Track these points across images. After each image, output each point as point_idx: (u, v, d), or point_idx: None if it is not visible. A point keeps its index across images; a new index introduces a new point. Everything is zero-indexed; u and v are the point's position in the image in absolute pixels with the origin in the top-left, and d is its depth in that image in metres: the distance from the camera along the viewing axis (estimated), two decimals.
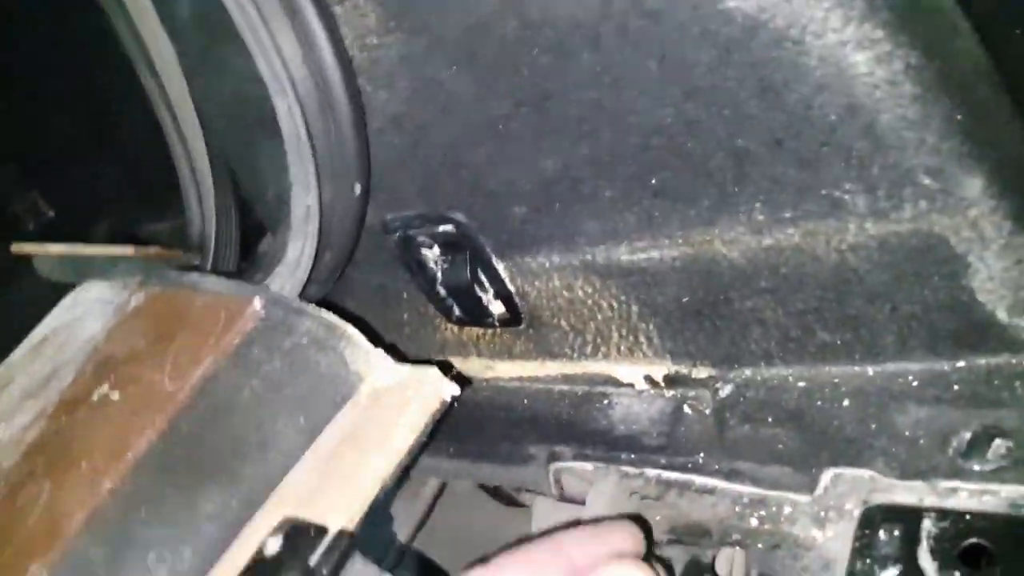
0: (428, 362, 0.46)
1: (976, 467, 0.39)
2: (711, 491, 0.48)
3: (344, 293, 0.61)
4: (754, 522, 0.45)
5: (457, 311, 0.58)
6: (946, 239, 0.38)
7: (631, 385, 0.54)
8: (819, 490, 0.44)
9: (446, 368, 0.45)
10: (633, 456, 0.53)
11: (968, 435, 0.40)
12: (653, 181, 0.43)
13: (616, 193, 0.44)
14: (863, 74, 0.35)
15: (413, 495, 0.78)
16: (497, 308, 0.57)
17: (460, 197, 0.49)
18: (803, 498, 0.44)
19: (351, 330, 0.48)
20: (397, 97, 0.47)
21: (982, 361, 0.41)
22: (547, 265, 0.51)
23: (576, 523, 0.46)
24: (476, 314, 0.57)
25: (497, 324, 0.57)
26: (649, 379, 0.52)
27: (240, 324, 0.48)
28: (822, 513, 0.43)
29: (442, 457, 0.65)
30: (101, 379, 0.53)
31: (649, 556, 0.41)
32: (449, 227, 0.52)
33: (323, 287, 0.52)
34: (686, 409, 0.51)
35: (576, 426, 0.56)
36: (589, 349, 0.54)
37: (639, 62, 0.39)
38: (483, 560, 0.39)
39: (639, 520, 0.45)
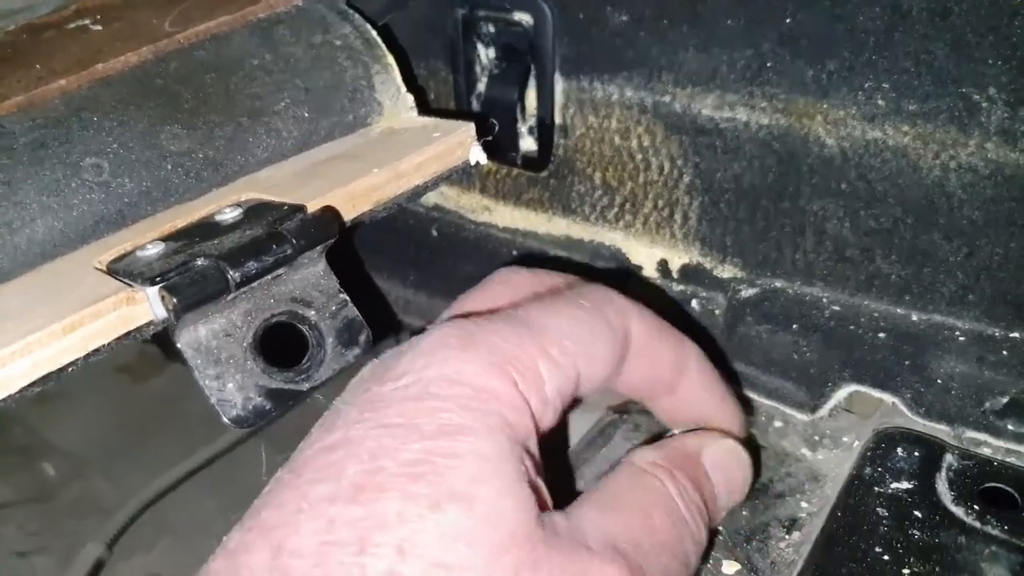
0: (467, 117, 0.40)
1: (1010, 427, 0.35)
2: None
3: None
4: None
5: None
6: None
7: (638, 268, 0.49)
8: (823, 411, 0.39)
9: (484, 131, 0.39)
10: None
11: (1006, 399, 0.36)
12: (788, 20, 0.38)
13: (738, 24, 0.40)
14: None
15: None
16: (527, 144, 0.51)
17: None
18: (801, 416, 0.40)
19: (392, 60, 0.42)
20: None
21: None
22: (614, 97, 0.45)
23: None
24: (502, 143, 0.51)
25: (519, 162, 0.52)
26: (663, 266, 0.47)
27: (272, 1, 0.42)
28: (816, 437, 0.39)
29: (397, 282, 0.58)
30: (83, 16, 0.45)
31: None
32: (526, 18, 0.46)
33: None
34: (694, 304, 0.46)
35: None
36: (613, 214, 0.48)
37: None
38: None
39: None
